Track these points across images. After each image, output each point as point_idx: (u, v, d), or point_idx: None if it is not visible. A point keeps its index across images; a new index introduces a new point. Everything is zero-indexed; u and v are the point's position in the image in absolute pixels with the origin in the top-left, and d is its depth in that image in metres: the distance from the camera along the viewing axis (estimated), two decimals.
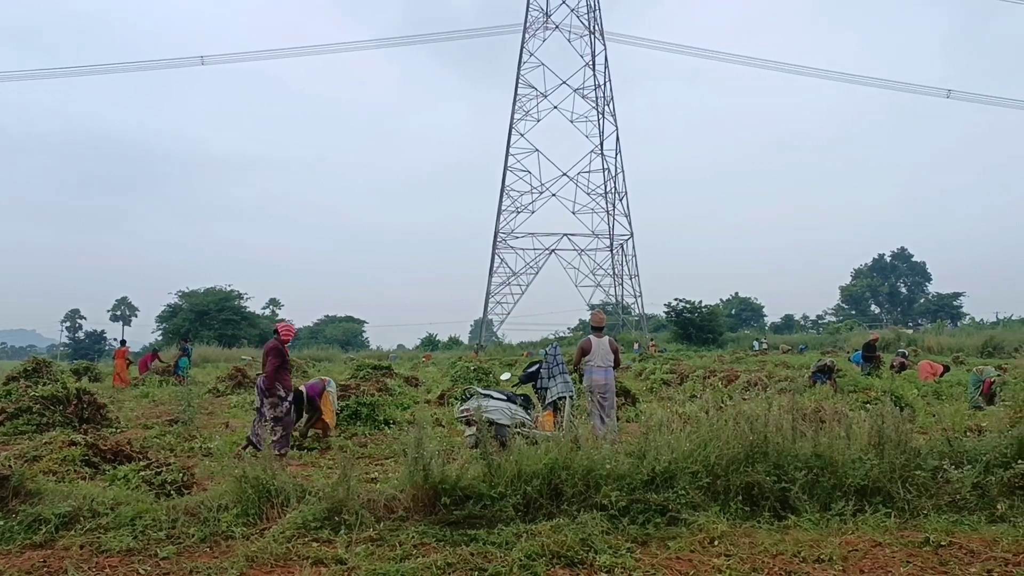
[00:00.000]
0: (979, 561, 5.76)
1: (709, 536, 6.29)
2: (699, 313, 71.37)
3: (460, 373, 24.01)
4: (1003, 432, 8.07)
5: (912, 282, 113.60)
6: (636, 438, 7.94)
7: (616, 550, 5.91)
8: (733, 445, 7.40)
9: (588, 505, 6.72)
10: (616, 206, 78.41)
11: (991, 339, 47.73)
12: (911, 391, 16.77)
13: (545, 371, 11.34)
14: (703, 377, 21.75)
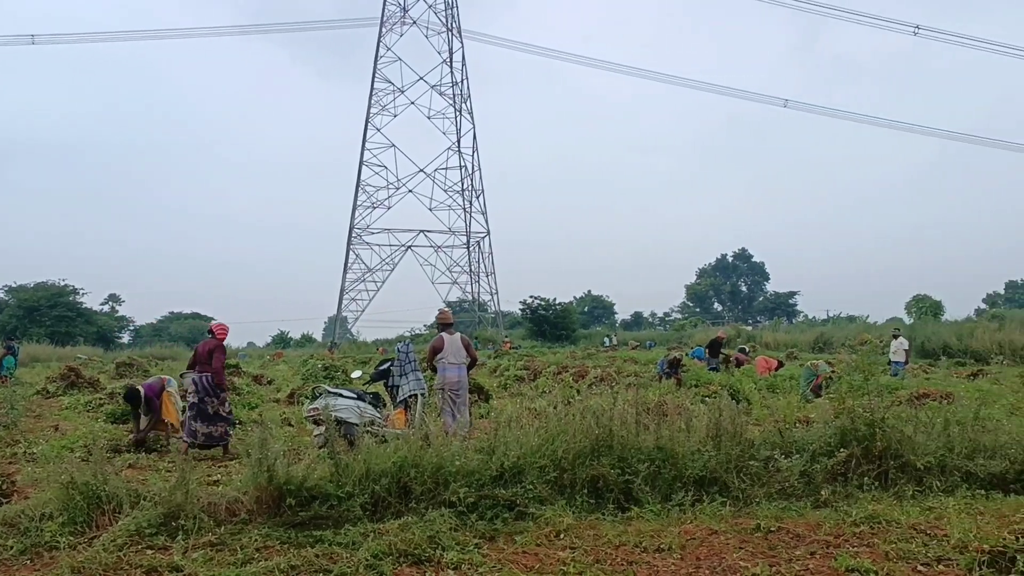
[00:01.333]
0: (804, 544, 6.11)
1: (555, 529, 6.40)
2: (553, 310, 72.70)
3: (311, 371, 23.49)
4: (828, 423, 8.61)
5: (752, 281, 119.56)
6: (487, 434, 7.97)
7: (464, 547, 5.92)
8: (580, 439, 7.56)
9: (437, 502, 6.70)
10: (473, 203, 78.74)
11: (822, 335, 50.89)
12: (749, 385, 17.61)
13: (397, 369, 11.25)
14: (555, 373, 22.13)
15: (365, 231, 77.26)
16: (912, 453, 8.02)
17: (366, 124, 76.74)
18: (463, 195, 78.48)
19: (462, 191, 78.45)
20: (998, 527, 5.99)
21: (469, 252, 79.47)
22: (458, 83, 78.61)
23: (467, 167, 78.34)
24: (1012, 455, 8.23)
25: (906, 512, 6.99)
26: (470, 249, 79.40)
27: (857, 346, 9.88)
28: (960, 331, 41.91)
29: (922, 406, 10.64)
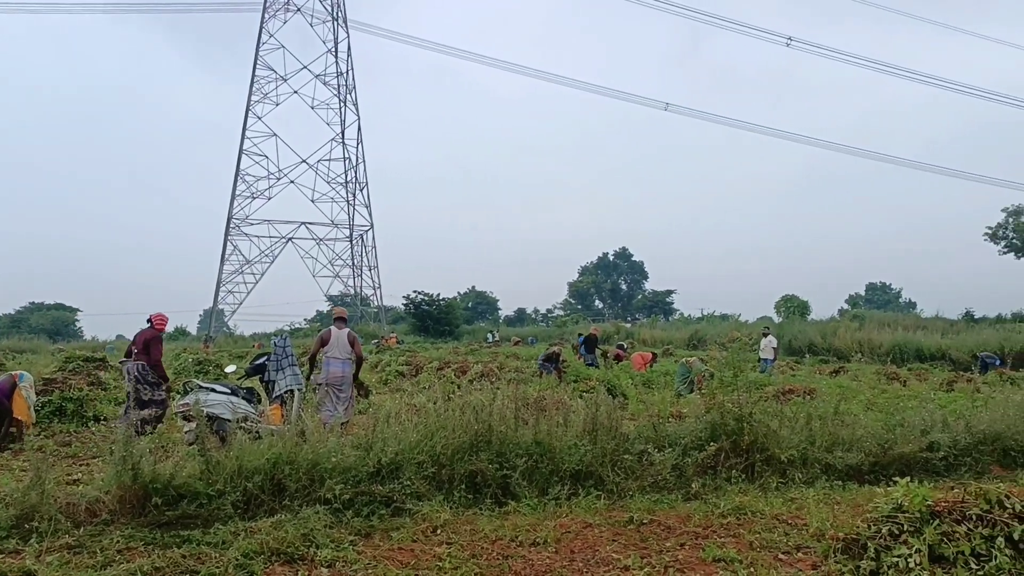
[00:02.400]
0: (674, 536, 6.30)
1: (432, 525, 6.39)
2: (437, 306, 72.38)
3: (183, 366, 22.67)
4: (699, 417, 8.90)
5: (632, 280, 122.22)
6: (365, 430, 7.86)
7: (339, 544, 5.83)
8: (459, 435, 7.56)
9: (312, 499, 6.58)
10: (356, 196, 77.57)
11: (696, 333, 52.52)
12: (626, 380, 18.01)
13: (273, 363, 10.97)
14: (437, 369, 22.07)
15: (244, 222, 75.03)
16: (777, 446, 8.38)
17: (247, 112, 74.51)
18: (347, 187, 77.24)
19: (346, 183, 77.20)
20: (853, 516, 6.32)
21: (352, 245, 78.38)
22: (343, 73, 77.32)
23: (351, 159, 77.15)
24: (867, 448, 8.72)
25: (770, 503, 7.31)
26: (353, 242, 78.32)
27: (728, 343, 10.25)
28: (824, 330, 44.05)
29: (787, 402, 11.12)
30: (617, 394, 13.65)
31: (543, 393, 11.33)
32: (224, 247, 74.66)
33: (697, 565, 5.57)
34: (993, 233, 61.72)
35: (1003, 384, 18.93)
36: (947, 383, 20.70)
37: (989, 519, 5.33)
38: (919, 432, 9.11)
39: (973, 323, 48.80)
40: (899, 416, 9.68)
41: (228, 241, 74.83)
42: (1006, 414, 9.77)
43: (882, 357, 34.50)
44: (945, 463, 8.84)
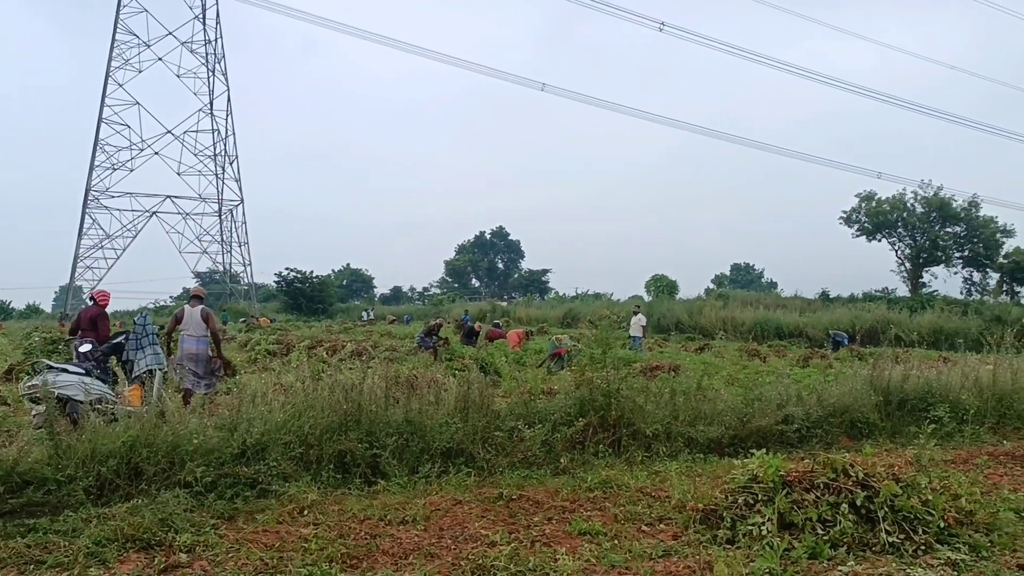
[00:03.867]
0: (542, 510, 6.39)
1: (299, 506, 6.26)
2: (310, 283, 70.94)
3: (35, 345, 21.39)
4: (569, 394, 9.05)
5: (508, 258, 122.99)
6: (229, 410, 7.61)
7: (199, 528, 5.63)
8: (328, 414, 7.44)
9: (172, 483, 6.32)
10: (226, 169, 74.82)
11: (570, 311, 53.52)
12: (500, 358, 18.15)
13: (132, 342, 10.48)
14: (309, 348, 21.65)
15: (104, 194, 71.18)
16: (643, 421, 8.62)
17: (106, 78, 70.51)
18: (215, 160, 74.36)
19: (214, 156, 74.30)
20: (712, 487, 6.56)
21: (221, 221, 75.62)
22: (211, 42, 74.21)
23: (220, 131, 74.30)
24: (728, 422, 9.08)
25: (635, 476, 7.52)
26: (222, 217, 75.60)
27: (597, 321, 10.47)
28: (691, 309, 45.68)
29: (654, 378, 11.45)
30: (490, 372, 13.75)
31: (416, 371, 11.27)
32: (82, 220, 70.70)
33: (563, 538, 5.66)
34: (847, 217, 65.09)
35: (853, 360, 20.10)
36: (803, 359, 21.83)
37: (835, 487, 5.64)
38: (775, 406, 9.56)
39: (828, 302, 51.51)
40: (757, 391, 10.12)
41: (86, 214, 70.91)
42: (854, 388, 10.37)
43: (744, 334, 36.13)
44: (798, 435, 9.30)
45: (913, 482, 5.73)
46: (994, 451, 9.34)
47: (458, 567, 4.96)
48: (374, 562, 5.09)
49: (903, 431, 9.96)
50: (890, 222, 62.66)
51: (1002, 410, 10.97)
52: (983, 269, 62.60)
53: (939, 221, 61.53)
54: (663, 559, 5.22)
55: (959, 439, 9.94)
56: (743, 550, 5.25)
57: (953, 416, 10.27)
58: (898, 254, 64.03)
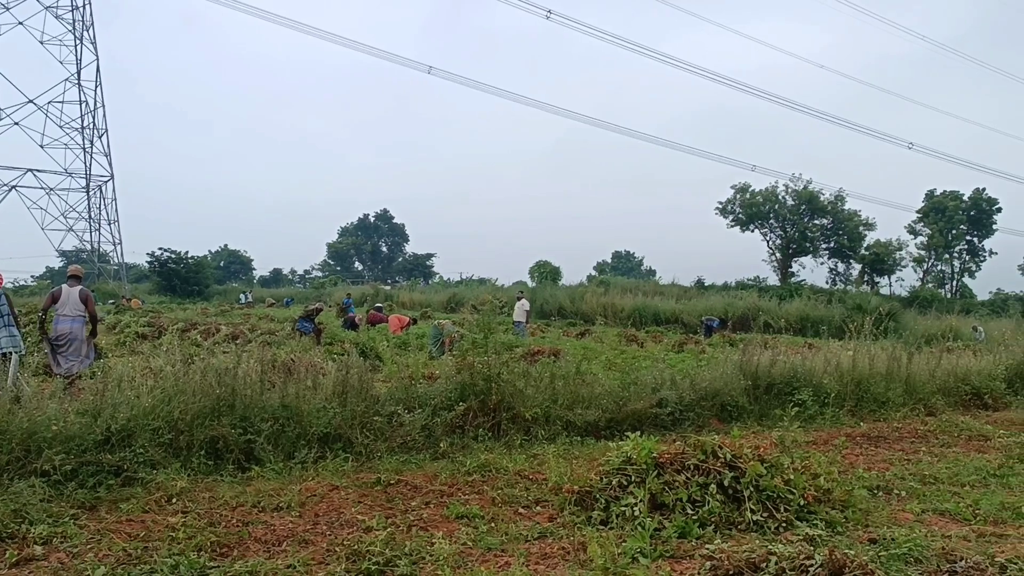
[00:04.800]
0: (420, 495, 6.38)
1: (167, 494, 6.04)
2: (185, 264, 68.48)
3: None
4: (449, 378, 9.05)
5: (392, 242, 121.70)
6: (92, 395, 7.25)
7: (57, 519, 5.35)
8: (200, 399, 7.19)
9: (27, 472, 5.98)
10: (95, 143, 71.14)
11: (454, 296, 53.45)
12: (382, 343, 17.96)
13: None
14: (182, 331, 20.88)
15: None
16: (522, 405, 8.71)
17: None
18: (83, 133, 70.56)
19: (82, 129, 70.47)
20: (588, 470, 6.68)
21: (88, 197, 71.91)
22: (79, 7, 70.19)
23: (88, 103, 70.48)
24: (605, 405, 9.28)
25: (514, 460, 7.59)
26: (90, 194, 71.90)
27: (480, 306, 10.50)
28: (573, 295, 46.40)
29: (534, 363, 11.57)
30: (371, 356, 13.60)
31: (293, 355, 11.04)
32: None
33: (441, 523, 5.66)
34: (723, 208, 67.43)
35: (724, 346, 20.88)
36: (678, 345, 22.55)
37: (705, 468, 5.85)
38: (651, 390, 9.83)
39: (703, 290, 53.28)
40: (634, 375, 10.38)
41: None
42: (725, 373, 10.77)
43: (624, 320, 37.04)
44: (672, 418, 9.59)
45: (777, 463, 5.99)
46: (852, 432, 9.88)
47: (333, 553, 4.89)
48: (246, 550, 4.96)
49: (770, 414, 10.40)
50: (763, 214, 65.30)
51: (860, 394, 11.62)
52: (847, 260, 66.12)
53: (808, 213, 64.56)
54: (538, 541, 5.29)
55: (820, 421, 10.48)
56: (616, 530, 5.38)
57: (816, 399, 10.82)
58: (769, 244, 66.86)
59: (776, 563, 4.31)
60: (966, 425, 10.47)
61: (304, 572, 4.56)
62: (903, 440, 9.59)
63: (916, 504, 6.41)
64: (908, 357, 12.96)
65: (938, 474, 7.58)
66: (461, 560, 4.82)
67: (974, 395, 12.95)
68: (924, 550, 4.81)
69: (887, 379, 12.13)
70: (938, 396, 12.37)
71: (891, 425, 10.56)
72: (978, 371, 13.57)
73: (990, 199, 65.92)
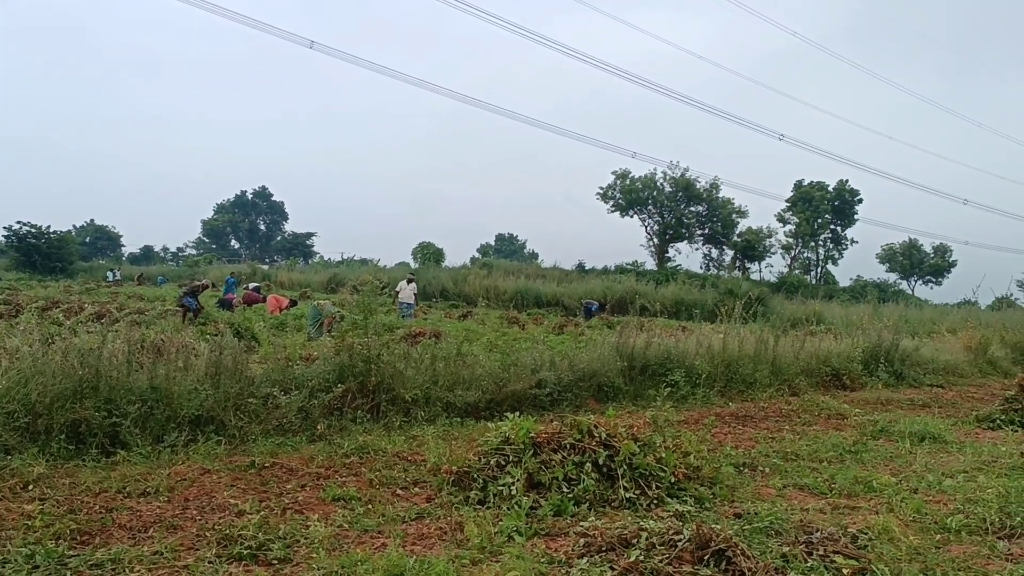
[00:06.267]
0: (296, 478, 6.27)
1: (23, 480, 5.74)
2: (47, 239, 64.82)
3: None
4: (328, 359, 8.91)
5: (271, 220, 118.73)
6: None
7: None
8: (61, 381, 6.83)
9: None
10: None
11: (335, 276, 52.57)
12: (258, 324, 17.54)
13: None
14: (43, 309, 19.80)
15: None
16: (402, 387, 8.67)
17: None
18: None
19: None
20: (468, 450, 6.72)
21: None
22: None
23: None
24: (485, 386, 9.34)
25: (392, 441, 7.56)
26: None
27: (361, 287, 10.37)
28: (456, 276, 46.38)
29: (416, 344, 11.53)
30: (247, 337, 13.25)
31: (163, 335, 10.62)
32: None
33: (316, 505, 5.58)
34: (604, 193, 68.77)
35: (603, 328, 21.32)
36: (558, 327, 22.88)
37: (581, 447, 5.97)
38: (530, 371, 9.95)
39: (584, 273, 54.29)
40: (515, 357, 10.48)
41: None
42: (602, 355, 11.01)
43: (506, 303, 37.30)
44: (551, 398, 9.75)
45: (650, 441, 6.18)
46: (721, 412, 10.28)
47: (203, 538, 4.75)
48: (109, 537, 4.76)
49: (644, 394, 10.71)
50: (642, 199, 66.94)
51: (729, 375, 12.10)
52: (720, 246, 68.60)
53: (685, 200, 66.58)
54: (415, 521, 5.29)
55: (692, 401, 10.86)
56: (493, 510, 5.43)
57: (688, 380, 11.20)
58: (647, 230, 68.63)
59: (647, 538, 4.45)
60: (826, 404, 11.06)
61: (172, 558, 4.42)
62: (768, 419, 10.04)
63: (778, 480, 6.74)
64: (775, 340, 13.56)
65: (799, 451, 7.99)
66: (336, 542, 4.77)
67: (834, 376, 13.70)
68: (784, 523, 5.07)
69: (755, 361, 12.67)
70: (802, 377, 13.02)
71: (758, 405, 11.05)
72: (838, 353, 14.33)
73: (852, 190, 69.36)
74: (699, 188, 65.46)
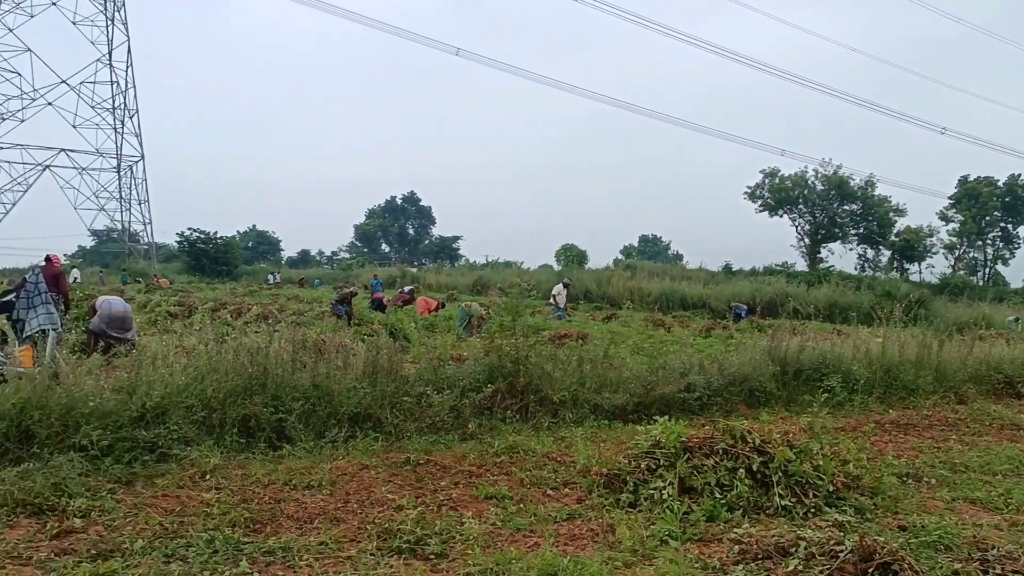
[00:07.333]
0: (449, 475, 6.43)
1: (201, 470, 6.14)
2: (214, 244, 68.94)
3: None
4: (478, 360, 9.09)
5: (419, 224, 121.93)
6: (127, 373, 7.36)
7: (95, 492, 5.47)
8: (232, 377, 7.29)
9: (66, 447, 6.09)
10: (125, 123, 71.72)
11: (481, 278, 53.41)
12: (409, 325, 18.06)
13: (23, 301, 10.03)
14: (212, 310, 21.11)
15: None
16: (550, 388, 8.74)
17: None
18: (114, 113, 71.13)
19: (113, 109, 71.04)
20: (616, 453, 6.71)
21: (120, 177, 72.63)
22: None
23: (120, 83, 71.02)
24: (632, 389, 9.28)
25: (541, 442, 7.63)
26: (121, 173, 72.60)
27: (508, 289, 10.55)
28: (600, 278, 46.19)
29: (562, 346, 11.60)
30: (399, 337, 13.68)
31: (323, 336, 11.13)
32: None
33: (470, 503, 5.71)
34: (751, 193, 66.89)
35: (752, 331, 20.76)
36: (706, 330, 22.41)
37: (733, 453, 5.85)
38: (678, 374, 9.81)
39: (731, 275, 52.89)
40: (662, 360, 10.37)
41: None
42: (753, 358, 10.72)
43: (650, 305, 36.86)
44: (700, 402, 9.58)
45: (806, 448, 5.98)
46: (881, 419, 9.81)
47: (364, 531, 4.96)
48: (278, 527, 5.04)
49: (798, 400, 10.36)
50: (791, 198, 64.69)
51: (889, 381, 11.53)
52: (876, 246, 65.38)
53: (837, 199, 63.88)
54: (567, 522, 5.33)
55: (849, 408, 10.41)
56: (644, 513, 5.40)
57: (844, 386, 10.75)
58: (798, 230, 66.27)
59: (805, 548, 4.31)
60: (998, 414, 10.36)
61: (336, 549, 4.63)
62: (933, 428, 9.51)
63: (946, 492, 6.38)
64: (939, 344, 12.81)
65: (969, 463, 7.52)
66: (490, 540, 4.87)
67: (1007, 384, 12.79)
68: (955, 538, 4.80)
69: (917, 366, 12.01)
70: (969, 384, 12.22)
71: (920, 413, 10.47)
72: (1011, 359, 13.39)
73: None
74: (853, 186, 62.62)
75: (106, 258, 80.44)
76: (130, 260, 69.54)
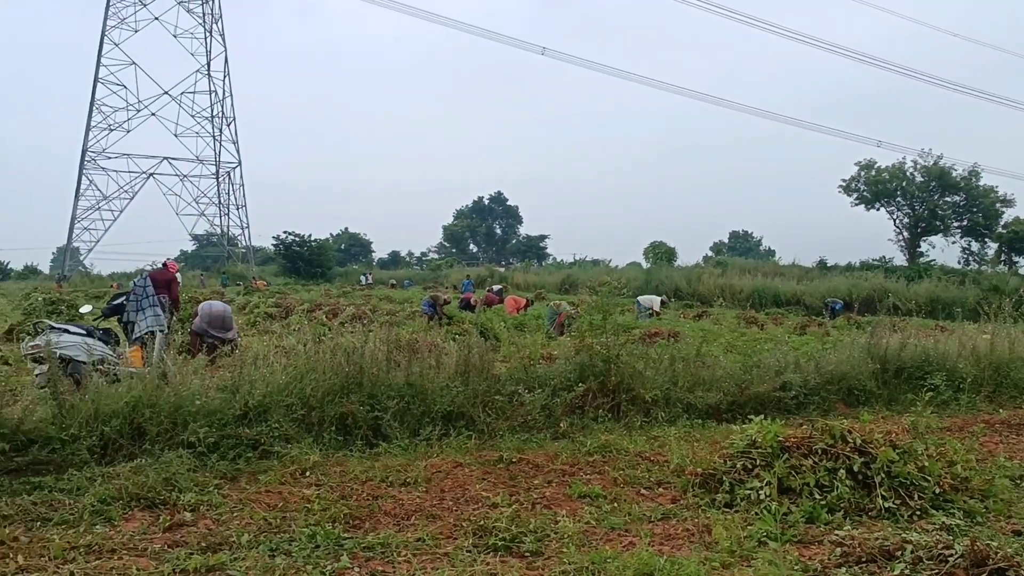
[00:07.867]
0: (542, 474, 6.45)
1: (301, 467, 6.32)
2: (308, 247, 70.64)
3: (33, 306, 21.39)
4: (568, 359, 9.09)
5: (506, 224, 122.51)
6: (230, 372, 7.64)
7: (203, 487, 5.69)
8: (330, 377, 7.48)
9: (175, 443, 6.37)
10: (223, 131, 74.13)
11: (568, 277, 53.43)
12: (499, 324, 18.17)
13: (133, 304, 10.49)
14: (308, 311, 21.68)
15: (100, 155, 70.54)
16: (642, 387, 8.67)
17: (102, 37, 69.64)
18: (212, 122, 73.66)
19: (211, 118, 73.60)
20: (711, 452, 6.63)
21: (218, 183, 75.17)
22: (208, 1, 73.30)
23: (217, 92, 73.50)
24: (726, 388, 9.15)
25: (634, 441, 7.59)
26: (219, 180, 75.16)
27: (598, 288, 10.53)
28: (689, 276, 45.65)
29: (653, 344, 11.50)
30: (490, 337, 13.78)
31: (416, 335, 11.31)
32: (79, 182, 70.17)
33: (564, 501, 5.72)
34: (847, 186, 64.85)
35: (850, 328, 20.17)
36: (800, 327, 21.89)
37: (833, 453, 5.70)
38: (773, 373, 9.62)
39: (826, 271, 51.56)
40: (756, 358, 10.18)
41: (83, 175, 70.39)
42: (851, 356, 10.43)
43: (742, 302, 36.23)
44: (796, 402, 9.37)
45: (910, 449, 5.78)
46: (990, 419, 9.40)
47: (459, 528, 5.02)
48: (376, 523, 5.15)
49: (900, 399, 10.03)
50: (889, 191, 62.44)
51: (999, 379, 11.03)
52: (982, 239, 62.54)
53: (938, 190, 61.33)
54: (662, 521, 5.29)
55: (955, 407, 10.01)
56: (741, 514, 5.32)
57: (950, 384, 10.35)
58: (896, 223, 63.91)
59: (912, 551, 4.18)
60: None
61: (434, 546, 4.70)
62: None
63: None
64: None
65: None
66: (585, 538, 4.87)
67: None
68: None
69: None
70: None
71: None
72: None
73: None
74: (955, 176, 60.01)
75: (206, 262, 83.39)
76: (229, 263, 71.89)
